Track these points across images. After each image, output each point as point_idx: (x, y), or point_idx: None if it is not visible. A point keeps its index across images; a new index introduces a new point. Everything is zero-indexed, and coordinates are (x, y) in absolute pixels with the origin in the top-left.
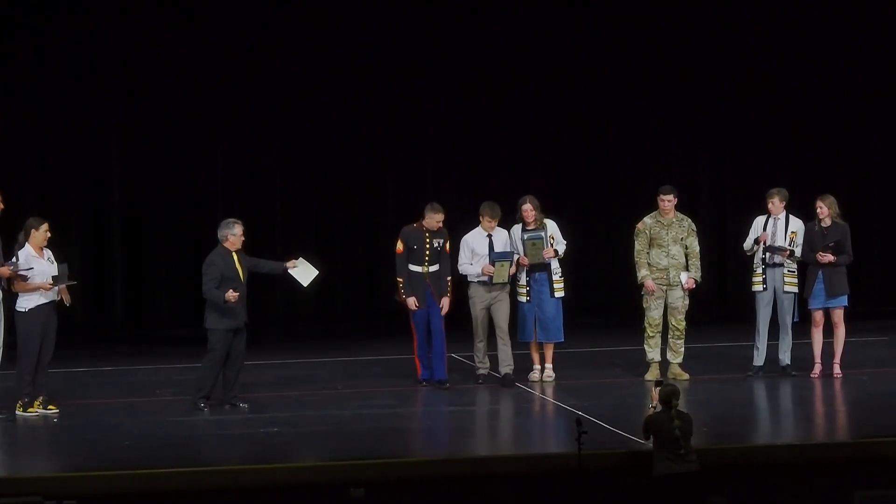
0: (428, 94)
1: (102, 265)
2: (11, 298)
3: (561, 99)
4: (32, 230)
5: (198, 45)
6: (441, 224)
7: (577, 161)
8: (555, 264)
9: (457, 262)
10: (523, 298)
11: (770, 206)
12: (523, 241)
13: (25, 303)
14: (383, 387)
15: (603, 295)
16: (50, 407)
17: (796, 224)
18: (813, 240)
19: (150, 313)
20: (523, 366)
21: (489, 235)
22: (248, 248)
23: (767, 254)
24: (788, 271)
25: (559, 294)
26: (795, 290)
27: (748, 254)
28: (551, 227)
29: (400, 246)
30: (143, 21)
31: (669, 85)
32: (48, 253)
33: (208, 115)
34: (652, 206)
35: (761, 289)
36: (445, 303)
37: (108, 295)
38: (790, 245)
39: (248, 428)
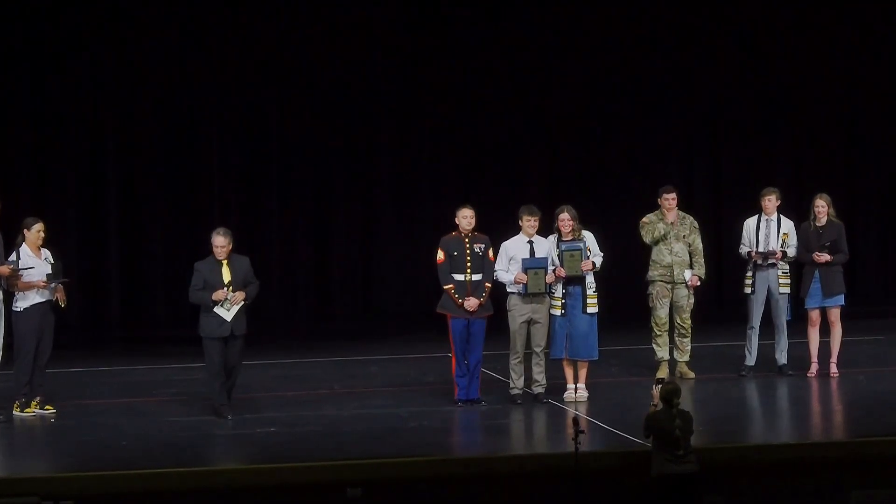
0: (425, 94)
1: (99, 265)
2: (9, 298)
3: (557, 99)
4: (26, 230)
5: (195, 46)
6: (469, 219)
7: (573, 161)
8: (590, 278)
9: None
10: (557, 312)
11: (766, 203)
12: (561, 252)
13: (22, 302)
14: (380, 387)
15: (601, 295)
16: (47, 407)
17: (787, 225)
18: (808, 239)
19: (147, 314)
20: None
21: (530, 242)
22: (244, 250)
23: (760, 260)
24: (782, 272)
25: (592, 310)
26: (789, 290)
27: (744, 258)
28: (589, 238)
29: (441, 255)
30: (142, 21)
31: (666, 84)
32: (46, 252)
33: (205, 116)
34: (649, 206)
35: (749, 291)
36: (473, 302)
37: (105, 295)
38: (782, 246)
39: (245, 428)
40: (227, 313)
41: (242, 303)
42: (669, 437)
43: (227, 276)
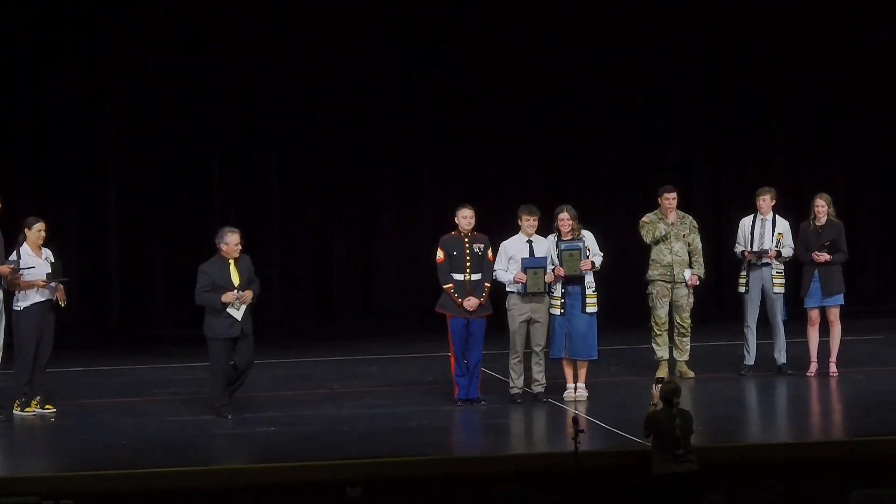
0: (424, 94)
1: (99, 265)
2: (9, 298)
3: (557, 99)
4: (27, 229)
5: (196, 46)
6: (469, 219)
7: (573, 161)
8: (589, 278)
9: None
10: (557, 311)
11: (761, 203)
12: (560, 251)
13: (22, 301)
14: (380, 386)
15: (600, 295)
16: (47, 406)
17: (783, 225)
18: (808, 239)
19: (146, 313)
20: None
21: (529, 241)
22: (245, 249)
23: (755, 258)
24: (776, 272)
25: (592, 309)
26: (783, 290)
27: (738, 257)
28: (588, 238)
29: (440, 255)
30: (143, 21)
31: (665, 84)
32: (46, 252)
33: (206, 116)
34: (649, 206)
35: (744, 290)
36: (473, 301)
37: (105, 295)
38: (776, 246)
39: (245, 427)
40: (237, 313)
41: (250, 301)
42: (669, 436)
43: (234, 275)
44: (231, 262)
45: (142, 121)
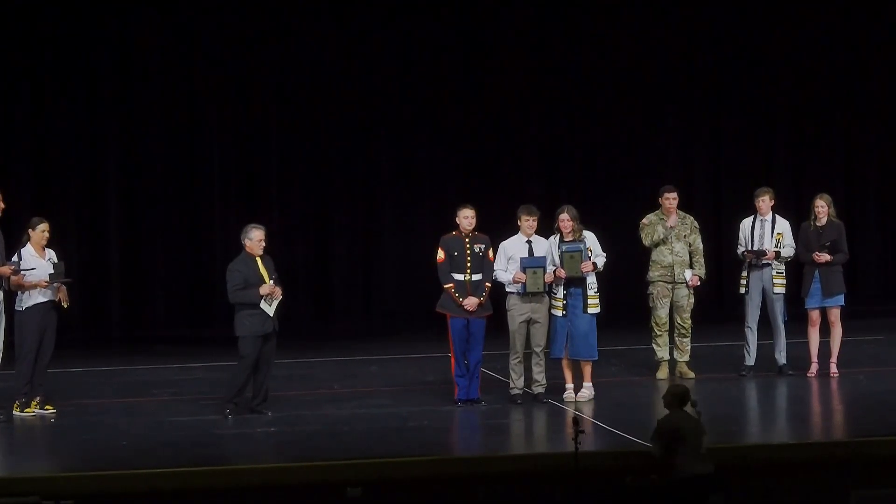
0: (425, 95)
1: (99, 265)
2: (11, 298)
3: (557, 99)
4: (31, 230)
5: (196, 45)
6: (470, 219)
7: (573, 161)
8: (591, 278)
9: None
10: (559, 312)
11: (760, 203)
12: (561, 252)
13: (24, 301)
14: (380, 387)
15: (601, 295)
16: (47, 407)
17: (783, 226)
18: (808, 239)
19: (146, 313)
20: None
21: (529, 241)
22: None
23: (754, 259)
24: (776, 272)
25: (593, 310)
26: (784, 290)
27: (740, 258)
28: (590, 238)
29: (441, 255)
30: (143, 21)
31: (665, 84)
32: (50, 253)
33: (206, 116)
34: (649, 206)
35: (744, 291)
36: (472, 301)
37: (105, 295)
38: (776, 246)
39: (245, 428)
40: (269, 309)
41: (279, 298)
42: (688, 438)
43: (263, 272)
44: (257, 258)
45: (142, 121)
